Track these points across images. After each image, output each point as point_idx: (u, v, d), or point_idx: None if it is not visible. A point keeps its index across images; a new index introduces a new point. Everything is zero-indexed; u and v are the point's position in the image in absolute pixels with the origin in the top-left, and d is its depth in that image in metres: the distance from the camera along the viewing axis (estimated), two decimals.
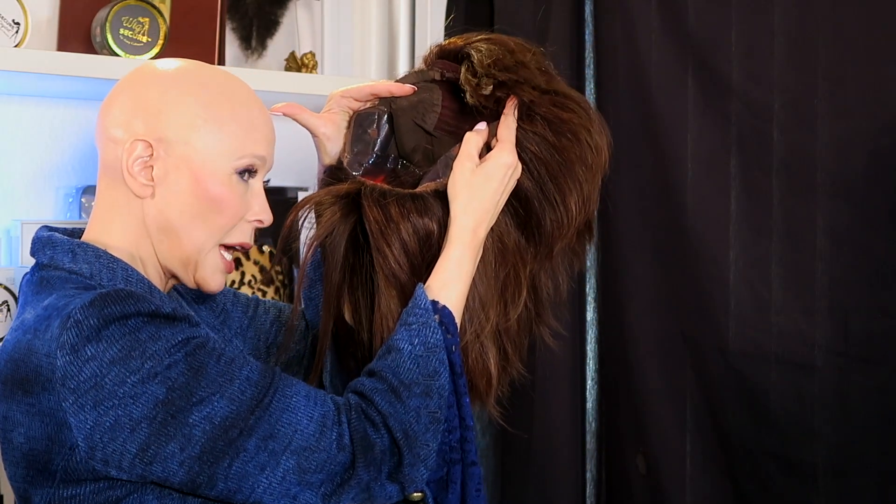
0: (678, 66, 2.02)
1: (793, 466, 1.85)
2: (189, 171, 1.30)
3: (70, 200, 1.98)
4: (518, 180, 1.36)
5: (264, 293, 1.91)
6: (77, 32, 1.89)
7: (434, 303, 1.29)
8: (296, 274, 2.04)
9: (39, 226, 1.40)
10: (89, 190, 1.98)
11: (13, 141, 1.97)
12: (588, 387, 2.24)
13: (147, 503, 1.22)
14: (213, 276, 1.33)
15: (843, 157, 1.78)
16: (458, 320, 1.31)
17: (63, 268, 1.29)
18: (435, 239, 1.34)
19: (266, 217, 1.34)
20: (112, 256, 1.29)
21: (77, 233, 1.35)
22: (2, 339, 1.76)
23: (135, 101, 1.30)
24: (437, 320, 1.28)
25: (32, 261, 1.74)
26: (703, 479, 2.00)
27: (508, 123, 1.37)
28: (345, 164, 1.41)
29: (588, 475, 2.23)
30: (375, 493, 1.25)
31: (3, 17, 1.75)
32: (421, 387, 1.26)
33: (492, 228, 1.36)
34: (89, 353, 1.17)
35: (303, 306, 1.52)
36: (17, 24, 1.76)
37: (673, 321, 2.04)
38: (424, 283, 1.30)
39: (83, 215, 1.97)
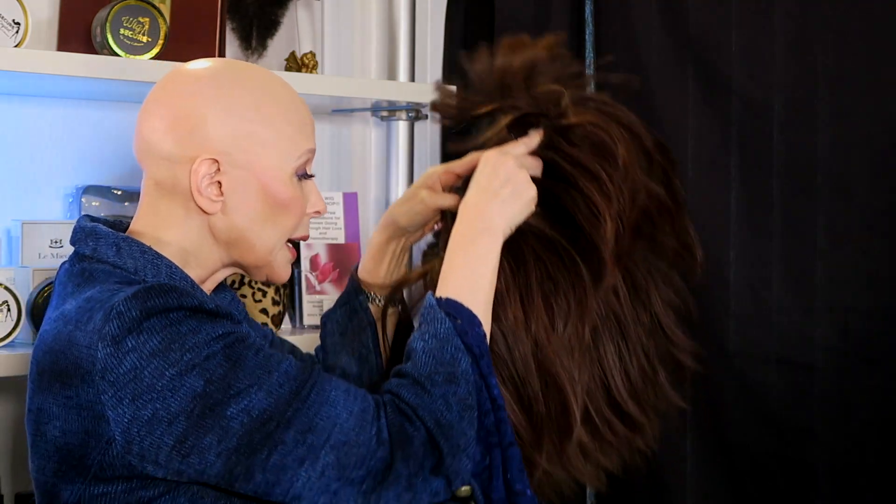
0: (678, 66, 2.02)
1: (793, 466, 1.85)
2: (255, 179, 1.30)
3: (70, 200, 1.98)
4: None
5: (264, 293, 1.91)
6: (77, 32, 1.89)
7: (437, 299, 1.30)
8: (296, 276, 2.05)
9: (41, 224, 1.40)
10: (89, 190, 1.98)
11: (13, 141, 1.97)
12: None
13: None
14: (284, 268, 1.36)
15: (843, 157, 1.78)
16: (470, 305, 1.29)
17: (107, 261, 1.28)
18: None
19: (322, 207, 1.37)
20: (157, 253, 1.29)
21: (119, 225, 1.35)
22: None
23: (180, 115, 1.29)
24: (442, 313, 1.28)
25: (32, 261, 1.74)
26: (703, 479, 2.00)
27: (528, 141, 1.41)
28: None
29: None
30: (419, 488, 1.22)
31: (3, 17, 1.75)
32: (442, 375, 1.24)
33: (521, 231, 1.36)
34: (130, 345, 1.16)
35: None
36: (18, 24, 1.76)
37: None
38: None
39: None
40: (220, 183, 1.29)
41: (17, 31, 1.76)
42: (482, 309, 1.31)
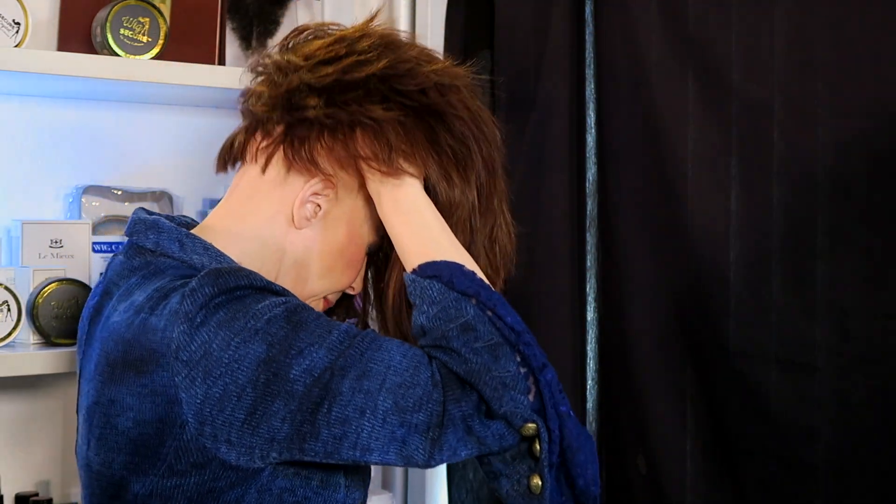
0: (678, 66, 2.02)
1: (793, 466, 1.84)
2: (347, 225, 1.35)
3: (70, 200, 1.98)
4: None
5: None
6: (77, 32, 1.89)
7: (413, 272, 1.29)
8: None
9: (41, 224, 1.41)
10: (89, 190, 1.98)
11: (13, 141, 1.97)
12: (588, 387, 2.24)
13: (248, 498, 1.22)
14: None
15: (843, 157, 1.78)
16: (440, 256, 1.29)
17: (173, 256, 1.30)
18: None
19: (359, 289, 1.43)
20: (219, 251, 1.31)
21: (177, 221, 1.38)
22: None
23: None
24: (425, 280, 1.27)
25: (32, 261, 1.74)
26: (703, 479, 2.00)
27: None
28: None
29: None
30: (479, 432, 1.20)
31: (3, 17, 1.75)
32: (455, 329, 1.22)
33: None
34: (200, 320, 1.18)
35: None
36: (18, 24, 1.76)
37: (673, 321, 2.04)
38: None
39: (83, 215, 1.97)
40: (319, 206, 1.34)
41: (17, 31, 1.76)
42: (450, 249, 1.30)
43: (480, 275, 1.29)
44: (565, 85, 2.20)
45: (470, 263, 1.30)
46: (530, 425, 1.21)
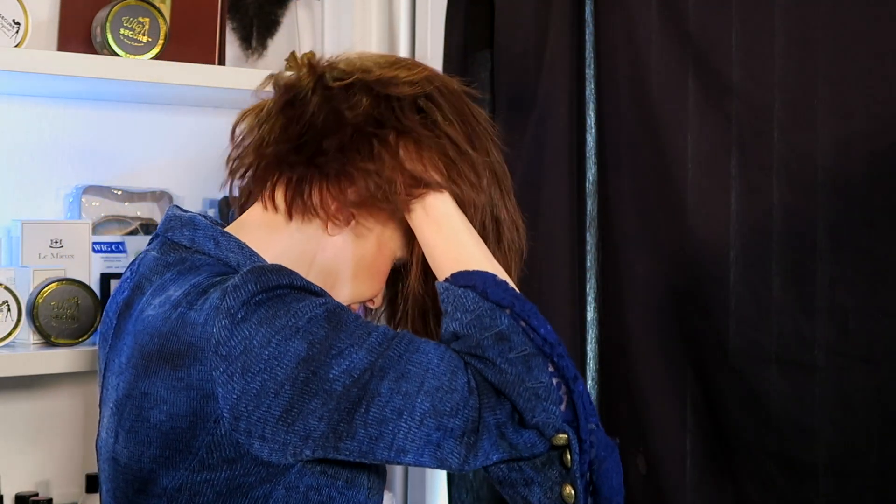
0: (678, 66, 2.02)
1: (793, 466, 1.84)
2: (378, 237, 1.37)
3: (70, 200, 1.98)
4: None
5: None
6: (77, 32, 1.89)
7: (446, 280, 1.30)
8: None
9: (41, 224, 1.41)
10: (89, 190, 1.98)
11: (13, 141, 1.97)
12: (588, 387, 2.24)
13: (276, 494, 1.22)
14: None
15: (843, 157, 1.78)
16: (474, 266, 1.30)
17: (209, 254, 1.31)
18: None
19: (379, 303, 1.45)
20: (252, 250, 1.33)
21: (209, 218, 1.39)
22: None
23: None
24: (459, 288, 1.28)
25: (32, 261, 1.74)
26: (703, 479, 2.00)
27: None
28: None
29: None
30: (512, 438, 1.21)
31: (3, 17, 1.75)
32: (490, 339, 1.23)
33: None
34: (241, 316, 1.18)
35: None
36: (18, 24, 1.76)
37: (673, 321, 2.04)
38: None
39: (83, 215, 1.97)
40: (353, 215, 1.35)
41: (17, 31, 1.76)
42: (483, 259, 1.32)
43: (513, 285, 1.31)
44: (565, 85, 2.20)
45: (501, 273, 1.32)
46: (562, 436, 1.23)
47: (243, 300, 1.19)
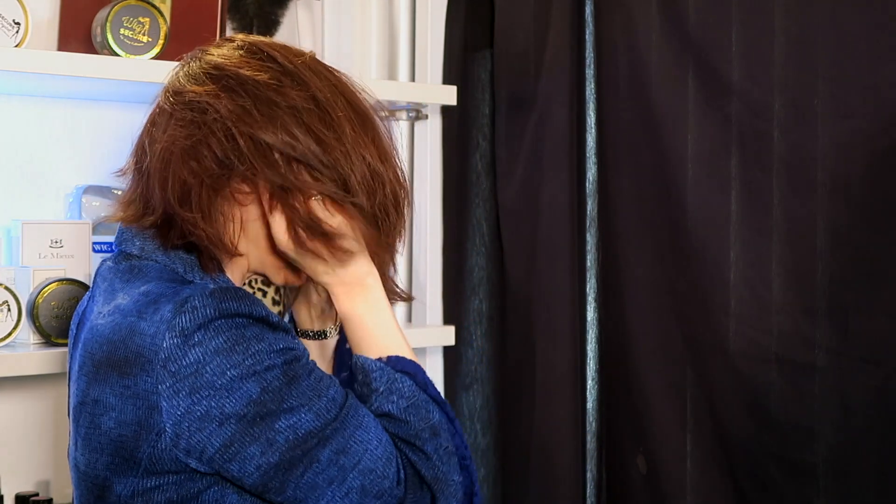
0: (678, 66, 2.02)
1: (793, 466, 1.84)
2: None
3: (70, 200, 1.98)
4: None
5: (265, 293, 1.90)
6: (77, 32, 1.89)
7: (381, 360, 1.33)
8: None
9: (41, 224, 1.41)
10: (89, 190, 1.98)
11: (13, 141, 1.97)
12: (588, 387, 2.24)
13: (227, 496, 1.25)
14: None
15: (843, 157, 1.78)
16: (404, 353, 1.34)
17: (156, 259, 1.32)
18: None
19: (299, 282, 1.46)
20: (196, 260, 1.34)
21: None
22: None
23: None
24: (397, 373, 1.31)
25: (32, 261, 1.74)
26: (703, 479, 2.00)
27: None
28: None
29: (588, 475, 2.23)
30: None
31: (3, 17, 1.75)
32: (426, 430, 1.30)
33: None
34: (197, 339, 1.20)
35: None
36: (18, 24, 1.76)
37: (673, 321, 2.04)
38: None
39: (83, 215, 1.97)
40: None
41: (17, 31, 1.76)
42: (410, 350, 1.36)
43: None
44: (565, 85, 2.20)
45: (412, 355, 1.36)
46: None
47: (199, 323, 1.20)
